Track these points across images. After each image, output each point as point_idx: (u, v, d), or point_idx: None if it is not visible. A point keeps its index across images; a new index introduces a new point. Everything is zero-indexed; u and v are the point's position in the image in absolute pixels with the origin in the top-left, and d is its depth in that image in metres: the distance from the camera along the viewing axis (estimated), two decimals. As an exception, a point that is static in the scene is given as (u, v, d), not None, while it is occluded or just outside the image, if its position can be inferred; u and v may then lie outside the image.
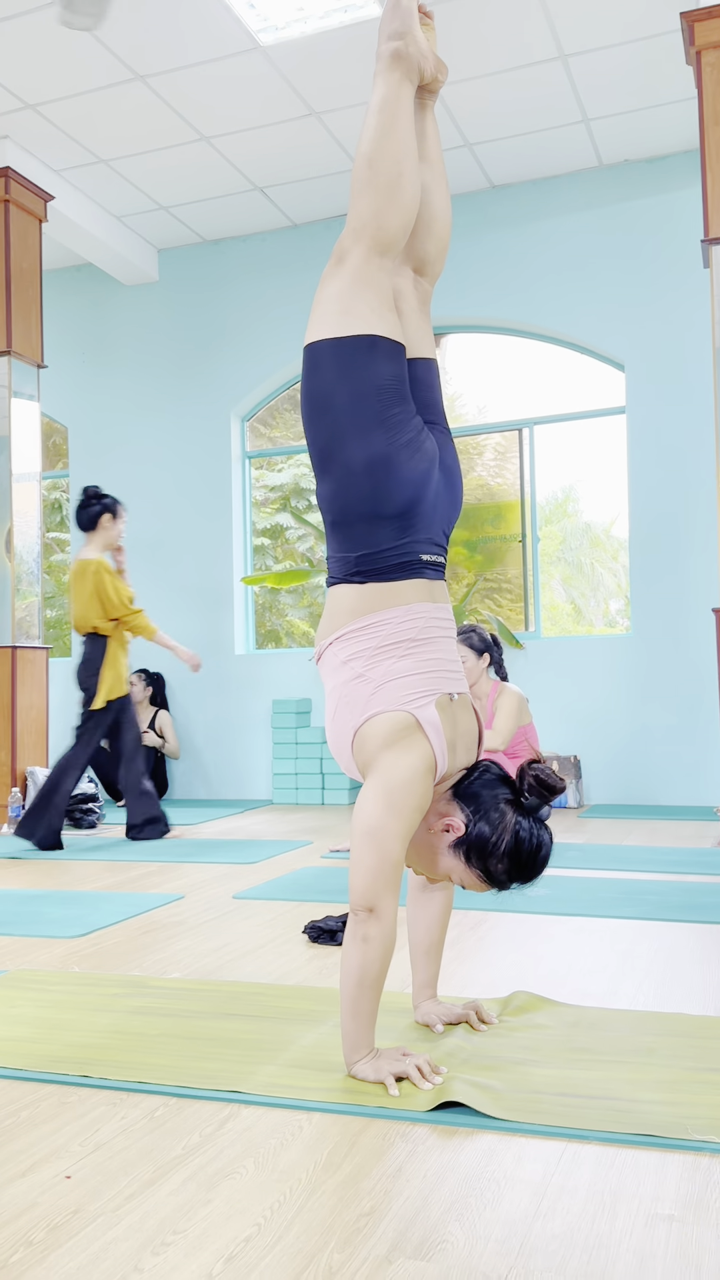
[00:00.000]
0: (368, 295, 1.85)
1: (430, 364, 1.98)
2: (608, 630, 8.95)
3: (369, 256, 1.85)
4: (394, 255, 1.89)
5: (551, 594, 7.98)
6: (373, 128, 1.87)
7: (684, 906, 3.11)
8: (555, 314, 6.25)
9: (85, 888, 3.70)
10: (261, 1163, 1.48)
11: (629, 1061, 1.82)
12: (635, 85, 5.34)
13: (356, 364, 1.82)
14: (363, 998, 1.74)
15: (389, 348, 1.85)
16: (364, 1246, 1.25)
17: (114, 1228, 1.31)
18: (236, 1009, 2.18)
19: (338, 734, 1.84)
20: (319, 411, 1.86)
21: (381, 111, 1.87)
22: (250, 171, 6.16)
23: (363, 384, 1.82)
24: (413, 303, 1.97)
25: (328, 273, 1.88)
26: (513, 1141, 1.53)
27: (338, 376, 1.83)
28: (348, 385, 1.82)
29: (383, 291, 1.87)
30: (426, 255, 2.00)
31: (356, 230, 1.86)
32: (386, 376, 1.84)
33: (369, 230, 1.85)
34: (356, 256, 1.85)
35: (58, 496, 9.32)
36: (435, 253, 2.01)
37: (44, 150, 5.91)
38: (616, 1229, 1.28)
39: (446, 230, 2.02)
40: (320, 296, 1.88)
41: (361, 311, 1.84)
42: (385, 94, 1.89)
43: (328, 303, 1.86)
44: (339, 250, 1.87)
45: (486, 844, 1.77)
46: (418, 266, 2.00)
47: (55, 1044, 1.98)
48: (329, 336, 1.85)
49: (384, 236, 1.85)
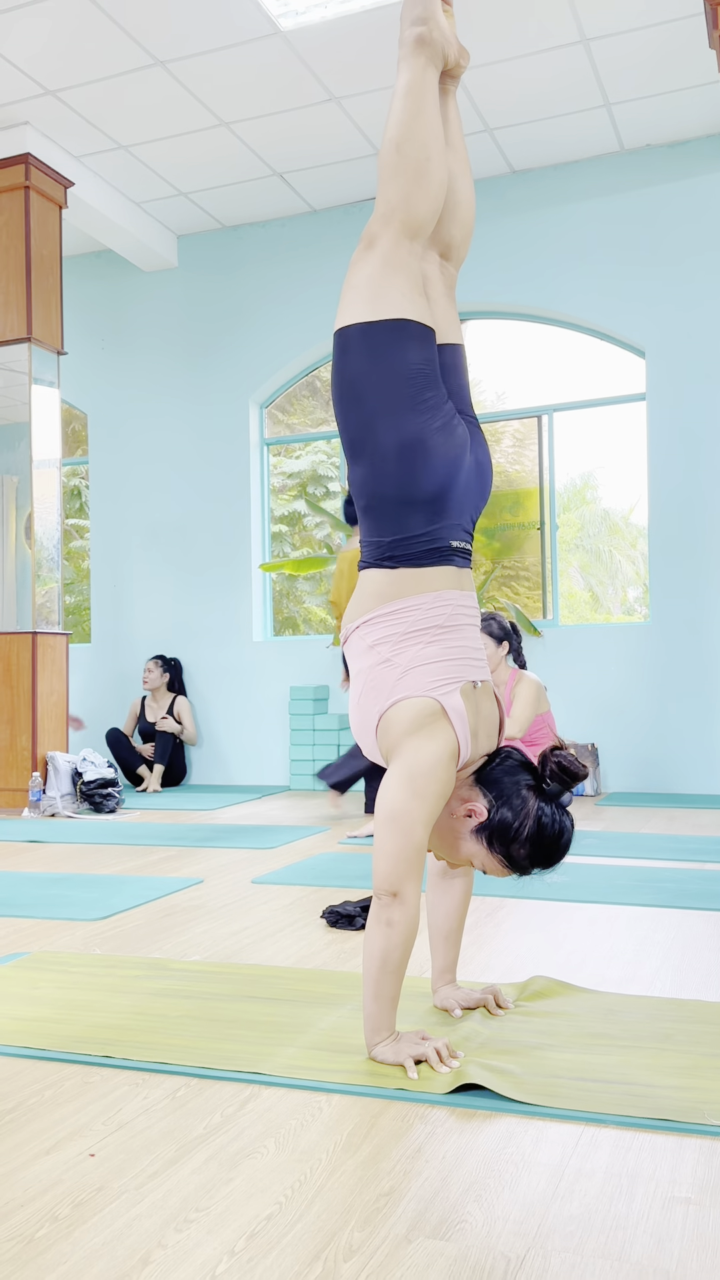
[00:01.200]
0: (398, 280, 1.85)
1: (458, 349, 1.98)
2: (626, 618, 8.93)
3: (398, 241, 1.85)
4: (423, 239, 1.90)
5: (570, 582, 7.97)
6: (399, 112, 1.87)
7: (702, 894, 3.11)
8: (575, 300, 6.22)
9: (106, 871, 3.73)
10: (282, 1143, 1.50)
11: (646, 1047, 1.83)
12: (657, 69, 5.30)
13: (388, 348, 1.83)
14: (385, 981, 1.76)
15: (420, 332, 1.85)
16: (384, 1226, 1.27)
17: (137, 1205, 1.33)
18: (256, 992, 2.20)
19: (362, 718, 1.85)
20: (350, 397, 1.86)
21: (408, 96, 1.88)
22: (270, 157, 6.14)
23: (394, 368, 1.82)
24: (440, 288, 1.97)
25: (357, 257, 1.88)
26: (530, 1124, 1.55)
27: (369, 361, 1.84)
28: (379, 370, 1.83)
29: (413, 276, 1.87)
30: (452, 240, 2.00)
31: (386, 215, 1.86)
32: (418, 361, 1.84)
33: (398, 215, 1.85)
34: (386, 241, 1.85)
35: (77, 483, 9.35)
36: (460, 237, 2.01)
37: (64, 136, 5.91)
38: (634, 1211, 1.29)
39: (471, 214, 2.03)
40: (350, 281, 1.88)
41: (392, 296, 1.84)
42: (410, 79, 1.89)
43: (358, 288, 1.86)
44: (368, 235, 1.87)
45: (509, 829, 1.79)
46: (443, 251, 2.00)
47: (77, 1025, 2.01)
48: (360, 321, 1.85)
49: (413, 221, 1.86)
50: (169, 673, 6.84)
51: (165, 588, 7.17)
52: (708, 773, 5.85)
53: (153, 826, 4.92)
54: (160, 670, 6.81)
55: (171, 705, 6.79)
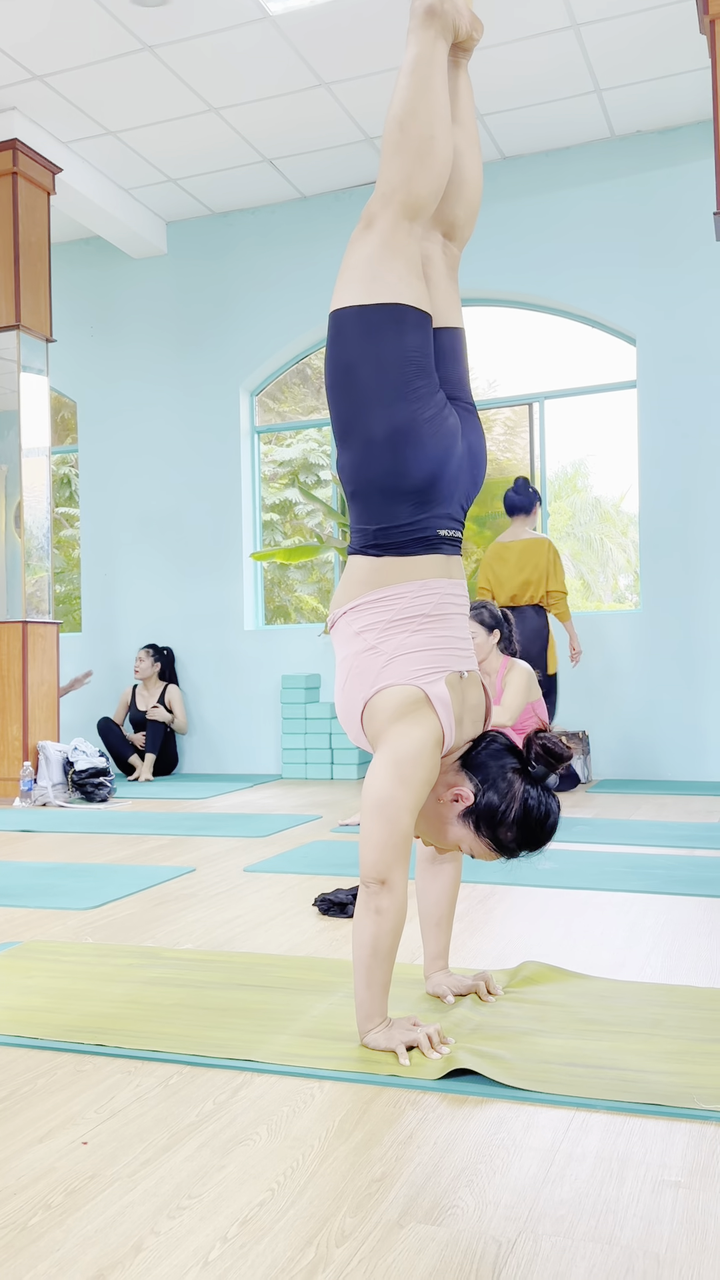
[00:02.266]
0: (396, 262, 1.82)
1: (457, 333, 1.95)
2: (617, 606, 8.93)
3: (398, 222, 1.82)
4: (424, 220, 1.86)
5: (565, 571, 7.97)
6: (405, 88, 1.82)
7: (691, 880, 3.13)
8: (566, 287, 6.21)
9: (97, 860, 3.73)
10: (274, 1130, 1.51)
11: (636, 1032, 1.84)
12: (648, 55, 5.28)
13: (382, 333, 1.81)
14: (376, 968, 1.77)
15: (416, 317, 1.83)
16: (376, 1211, 1.27)
17: (130, 1192, 1.33)
18: (249, 980, 2.21)
19: (347, 704, 1.85)
20: (342, 380, 1.85)
21: (415, 71, 1.82)
22: (259, 143, 6.11)
23: (387, 354, 1.81)
24: (441, 269, 1.93)
25: (355, 237, 1.85)
26: (522, 1110, 1.56)
27: (362, 345, 1.82)
28: (372, 354, 1.81)
29: (411, 258, 1.84)
30: (456, 220, 1.96)
31: (386, 195, 1.83)
32: (412, 347, 1.82)
33: (399, 195, 1.82)
34: (385, 222, 1.82)
35: (66, 472, 9.31)
36: (465, 217, 1.97)
37: (52, 122, 5.87)
38: (624, 1194, 1.30)
39: (477, 194, 1.98)
40: (347, 262, 1.85)
41: (389, 279, 1.82)
42: (418, 53, 1.83)
43: (355, 269, 1.83)
44: (367, 215, 1.84)
45: (495, 812, 1.79)
46: (447, 231, 1.96)
47: (70, 1014, 2.01)
48: (355, 304, 1.83)
49: (414, 201, 1.82)
50: (160, 662, 6.83)
51: (156, 576, 7.16)
52: (698, 760, 5.87)
53: (144, 815, 4.92)
54: (151, 660, 6.80)
55: (163, 694, 6.78)
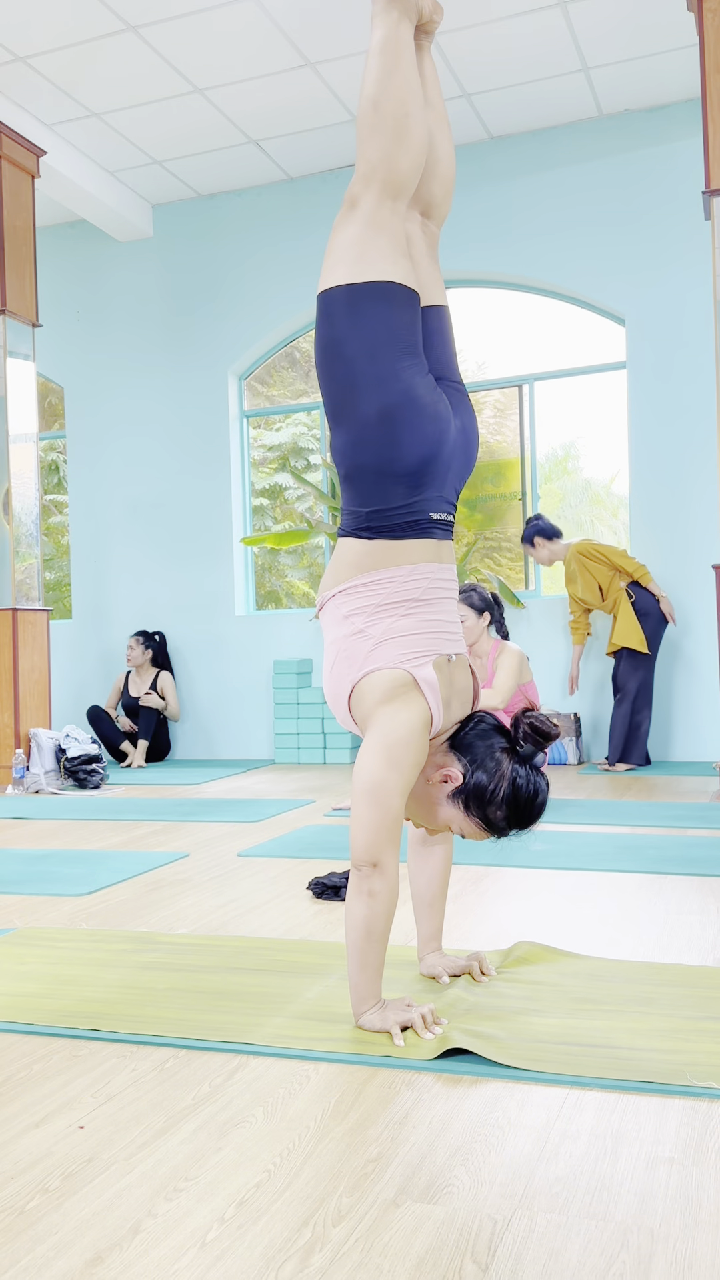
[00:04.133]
0: (381, 241, 1.83)
1: (442, 312, 1.96)
2: (608, 587, 8.92)
3: (381, 201, 1.83)
4: (405, 198, 1.87)
5: (551, 552, 7.96)
6: (375, 69, 1.84)
7: (683, 860, 3.14)
8: (555, 267, 6.18)
9: (91, 847, 3.73)
10: (270, 1111, 1.51)
11: (629, 1011, 1.85)
12: (635, 32, 5.25)
13: (371, 311, 1.81)
14: (369, 950, 1.77)
15: (404, 295, 1.83)
16: (372, 1190, 1.28)
17: (127, 1175, 1.34)
18: (243, 963, 2.21)
19: (335, 687, 1.85)
20: (332, 360, 1.84)
21: (383, 53, 1.84)
22: (245, 124, 6.06)
23: (377, 332, 1.80)
24: (422, 248, 1.95)
25: (340, 219, 1.85)
26: (516, 1088, 1.57)
27: (351, 324, 1.81)
28: (362, 333, 1.81)
29: (396, 237, 1.85)
30: (433, 198, 1.98)
31: (366, 175, 1.83)
32: (401, 325, 1.82)
33: (379, 174, 1.83)
34: (368, 202, 1.83)
35: (55, 458, 9.28)
36: (441, 195, 1.99)
37: (35, 104, 5.82)
38: (618, 1171, 1.31)
39: (451, 171, 2.00)
40: (333, 244, 1.86)
41: (375, 258, 1.82)
42: (385, 35, 1.85)
43: (341, 249, 1.84)
44: (350, 196, 1.84)
45: (485, 792, 1.80)
46: (425, 210, 1.98)
47: (65, 999, 2.01)
48: (343, 283, 1.83)
49: (395, 179, 1.83)
50: (150, 648, 6.82)
51: (146, 562, 7.14)
52: (687, 741, 5.89)
53: (137, 802, 4.92)
54: (142, 647, 6.78)
55: (155, 680, 6.77)
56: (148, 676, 6.79)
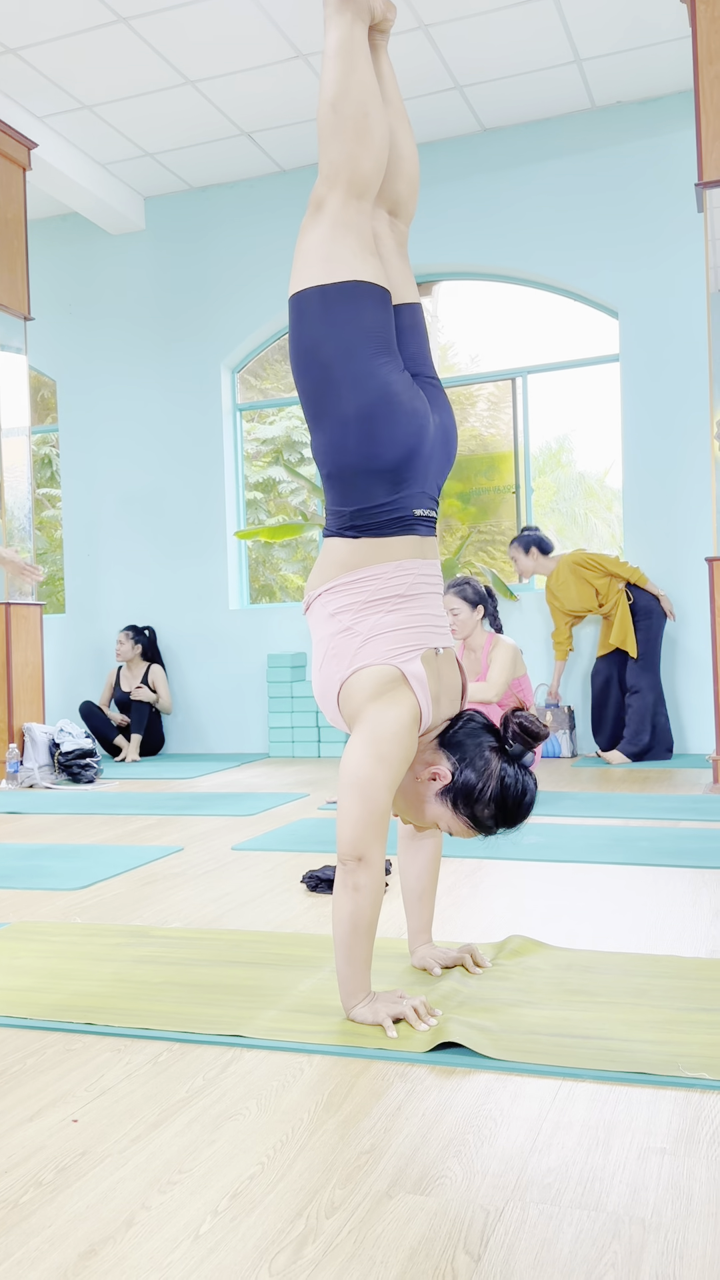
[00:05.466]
0: (349, 241, 1.84)
1: (415, 309, 1.97)
2: (601, 580, 8.92)
3: (346, 201, 1.84)
4: (370, 198, 1.89)
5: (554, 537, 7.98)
6: (332, 72, 1.86)
7: (676, 852, 3.15)
8: (547, 260, 6.18)
9: (85, 841, 3.73)
10: (264, 1104, 1.52)
11: (622, 1002, 1.86)
12: (628, 24, 5.24)
13: (343, 312, 1.82)
14: (357, 944, 1.78)
15: (375, 293, 1.84)
16: (365, 1182, 1.28)
17: (121, 1168, 1.34)
18: (237, 957, 2.22)
19: (324, 685, 1.86)
20: (307, 363, 1.85)
21: (339, 55, 1.87)
22: (237, 116, 6.04)
23: (350, 332, 1.81)
24: (391, 245, 1.96)
25: (306, 222, 1.87)
26: (509, 1080, 1.57)
27: (324, 325, 1.82)
28: (335, 334, 1.81)
29: (364, 236, 1.86)
30: (399, 196, 1.99)
31: (330, 177, 1.85)
32: (374, 324, 1.83)
33: (343, 175, 1.84)
34: (334, 203, 1.84)
35: (48, 451, 9.25)
36: (407, 193, 2.00)
37: (26, 96, 5.79)
38: (610, 1162, 1.32)
39: (415, 168, 2.02)
40: (301, 246, 1.87)
41: (344, 257, 1.83)
42: (340, 36, 1.88)
43: (309, 251, 1.85)
44: (315, 199, 1.86)
45: (473, 790, 1.80)
46: (391, 208, 1.99)
47: (59, 993, 2.01)
48: (314, 284, 1.83)
49: (359, 179, 1.85)
50: (140, 643, 6.79)
51: (139, 556, 7.13)
52: (682, 733, 5.90)
53: (131, 796, 4.92)
54: (131, 641, 6.75)
55: (146, 674, 6.76)
56: (139, 671, 6.78)
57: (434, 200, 6.32)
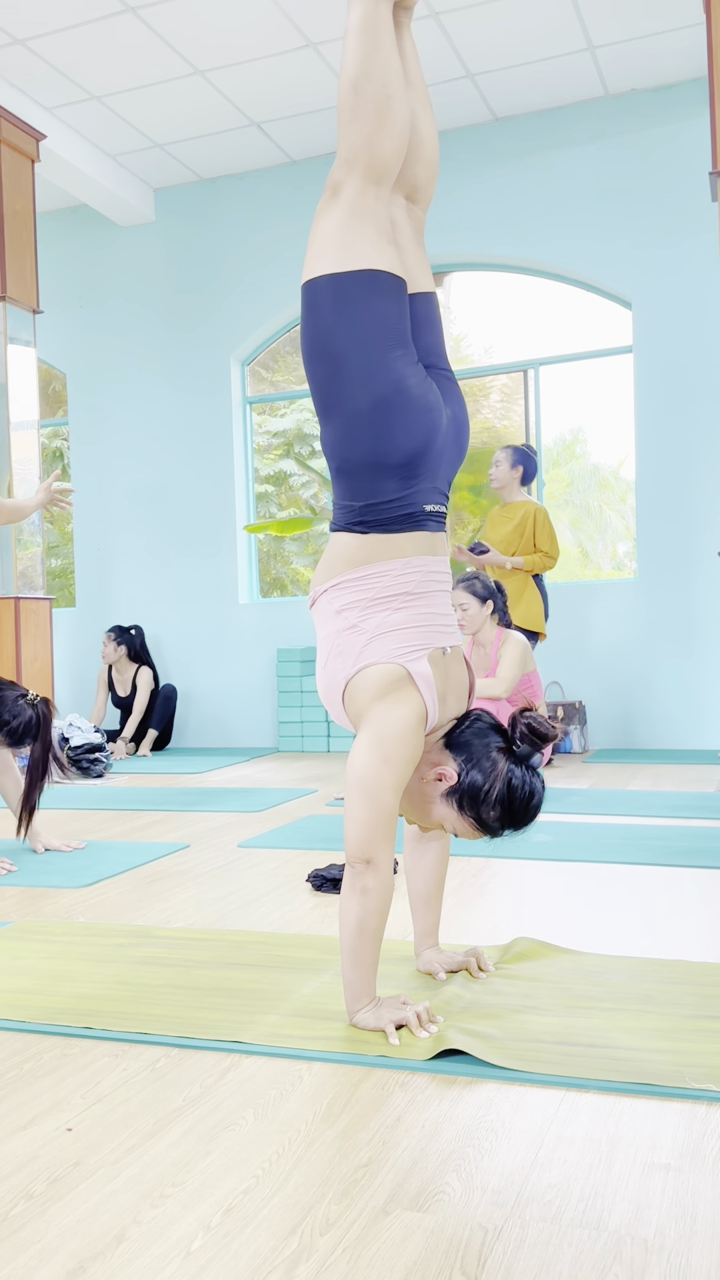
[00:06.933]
0: (366, 228, 1.78)
1: (430, 298, 1.92)
2: (616, 574, 8.89)
3: (364, 187, 1.79)
4: (389, 184, 1.82)
5: (559, 537, 7.93)
6: (354, 51, 1.78)
7: (686, 851, 3.11)
8: (560, 250, 6.11)
9: (91, 837, 3.71)
10: (261, 1114, 1.49)
11: (628, 1009, 1.83)
12: (641, 11, 5.17)
13: (357, 302, 1.77)
14: (363, 948, 1.75)
15: (391, 283, 1.79)
16: (361, 1197, 1.26)
17: (114, 1180, 1.32)
18: (240, 958, 2.19)
19: (329, 683, 1.82)
20: (319, 353, 1.81)
21: (361, 33, 1.78)
22: (247, 106, 6.00)
23: (364, 323, 1.77)
24: (408, 233, 1.90)
25: (322, 207, 1.81)
26: (511, 1090, 1.54)
27: (338, 315, 1.78)
28: (349, 324, 1.77)
29: (381, 223, 1.80)
30: (418, 181, 1.93)
31: (348, 160, 1.79)
32: (389, 315, 1.78)
33: (362, 159, 1.78)
34: (351, 188, 1.78)
35: (59, 444, 9.24)
36: (426, 178, 1.94)
37: (35, 87, 5.76)
38: (613, 1178, 1.29)
39: (435, 153, 1.95)
40: (316, 232, 1.81)
41: (360, 246, 1.78)
42: (363, 14, 1.79)
43: (324, 238, 1.80)
44: (332, 183, 1.80)
45: (479, 792, 1.77)
46: (409, 194, 1.93)
47: (59, 995, 1.99)
48: (328, 273, 1.78)
49: (378, 164, 1.79)
50: (125, 643, 6.67)
51: (149, 550, 7.11)
52: (694, 728, 5.85)
53: (140, 791, 4.91)
54: (115, 643, 6.65)
55: (135, 676, 6.67)
56: (129, 671, 6.66)
57: (445, 190, 6.25)
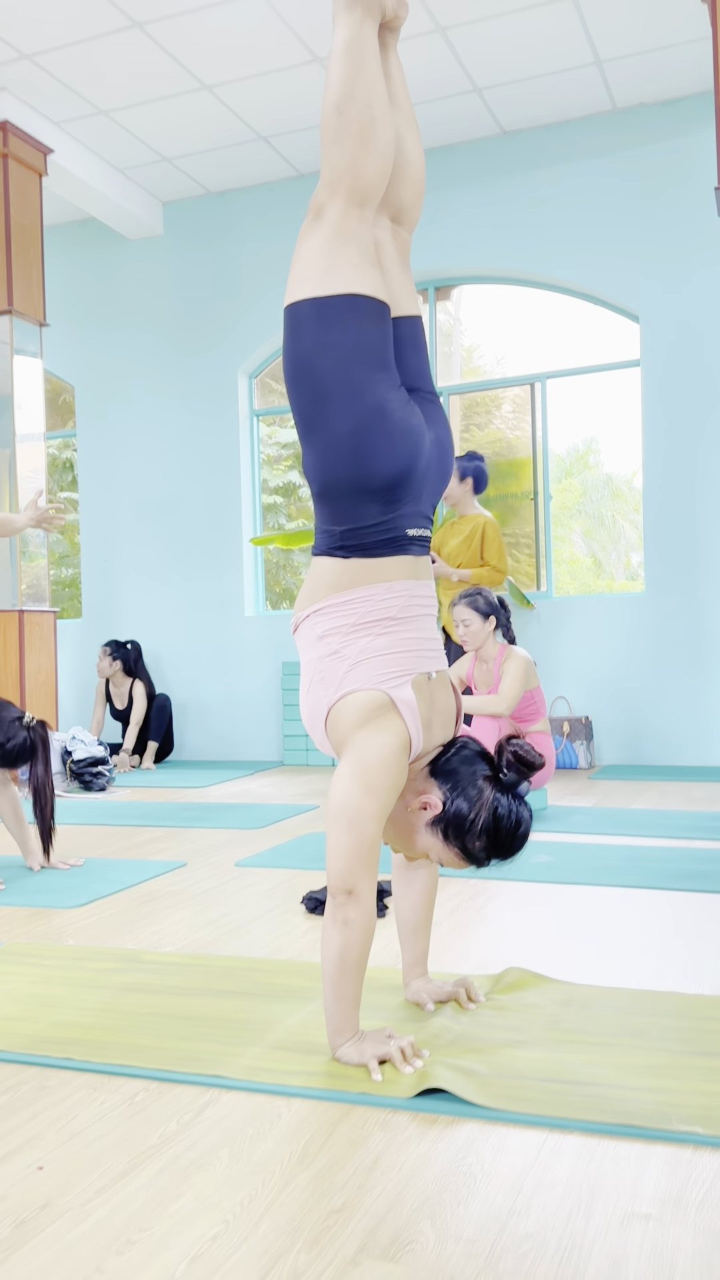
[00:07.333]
0: (349, 251, 1.76)
1: (415, 321, 1.90)
2: (629, 584, 8.83)
3: (347, 209, 1.77)
4: (373, 205, 1.80)
5: (572, 548, 7.90)
6: (338, 72, 1.76)
7: (688, 874, 3.07)
8: (567, 263, 6.09)
9: (89, 854, 3.69)
10: (236, 1153, 1.46)
11: (618, 1044, 1.79)
12: (648, 25, 5.14)
13: (340, 325, 1.75)
14: (345, 981, 1.72)
15: (373, 307, 1.77)
16: (332, 1246, 1.23)
17: (81, 1224, 1.29)
18: (227, 985, 2.16)
19: (311, 710, 1.80)
20: (301, 376, 1.79)
21: (346, 54, 1.77)
22: (254, 120, 6.00)
23: (346, 347, 1.75)
24: (393, 254, 1.87)
25: (305, 229, 1.79)
26: (494, 1130, 1.51)
27: (320, 339, 1.76)
28: (331, 348, 1.75)
29: (364, 246, 1.78)
30: (403, 202, 1.90)
31: (332, 182, 1.77)
32: (371, 339, 1.76)
33: (345, 181, 1.76)
34: (334, 210, 1.77)
35: (70, 455, 9.26)
36: (412, 199, 1.91)
37: (43, 102, 5.77)
38: (591, 1229, 1.25)
39: (421, 174, 1.92)
40: (299, 254, 1.80)
41: (343, 269, 1.76)
42: (348, 35, 1.78)
43: (307, 260, 1.78)
44: (315, 205, 1.78)
45: (464, 821, 1.74)
46: (395, 215, 1.90)
47: (42, 1023, 1.97)
48: (310, 296, 1.77)
49: (361, 186, 1.77)
50: (120, 658, 6.65)
51: (156, 561, 7.10)
52: (702, 745, 5.80)
53: (141, 805, 4.88)
54: (110, 658, 6.64)
55: (131, 689, 6.66)
56: (125, 685, 6.66)
57: (452, 203, 6.25)
